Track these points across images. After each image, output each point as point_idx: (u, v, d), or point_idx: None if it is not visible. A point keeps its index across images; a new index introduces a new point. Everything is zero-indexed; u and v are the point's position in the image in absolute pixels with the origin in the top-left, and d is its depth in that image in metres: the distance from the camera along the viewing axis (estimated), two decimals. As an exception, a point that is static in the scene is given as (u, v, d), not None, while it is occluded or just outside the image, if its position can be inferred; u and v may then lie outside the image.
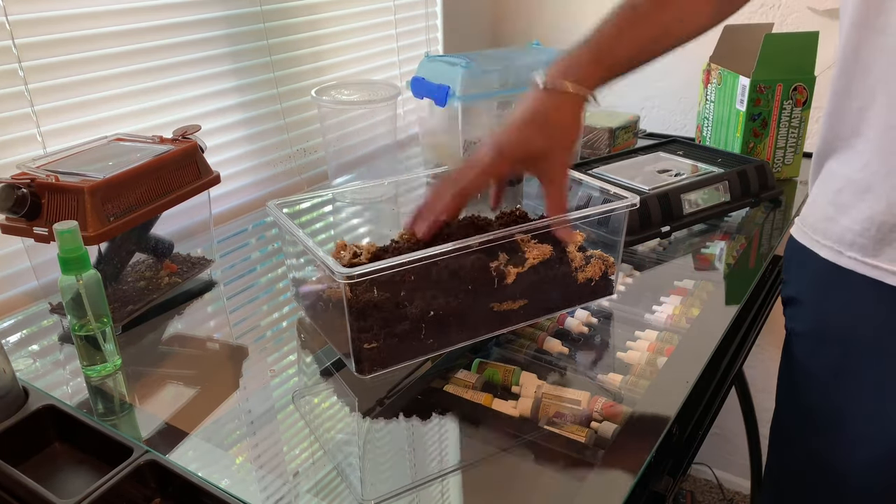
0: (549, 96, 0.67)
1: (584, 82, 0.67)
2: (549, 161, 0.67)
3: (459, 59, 1.09)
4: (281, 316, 0.83)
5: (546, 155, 0.66)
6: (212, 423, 0.63)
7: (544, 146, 0.66)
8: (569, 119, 0.67)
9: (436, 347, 0.66)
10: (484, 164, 0.66)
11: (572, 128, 0.68)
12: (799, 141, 1.12)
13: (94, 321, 0.67)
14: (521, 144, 0.66)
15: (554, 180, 0.68)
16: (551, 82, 0.66)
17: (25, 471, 0.56)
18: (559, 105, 0.67)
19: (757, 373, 1.57)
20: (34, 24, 0.84)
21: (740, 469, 1.68)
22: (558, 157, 0.67)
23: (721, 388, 0.79)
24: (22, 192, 0.71)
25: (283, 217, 0.72)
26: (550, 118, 0.66)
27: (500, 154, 0.66)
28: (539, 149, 0.66)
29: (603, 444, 0.59)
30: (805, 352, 0.72)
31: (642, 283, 0.86)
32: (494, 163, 0.66)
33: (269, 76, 1.14)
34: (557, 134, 0.67)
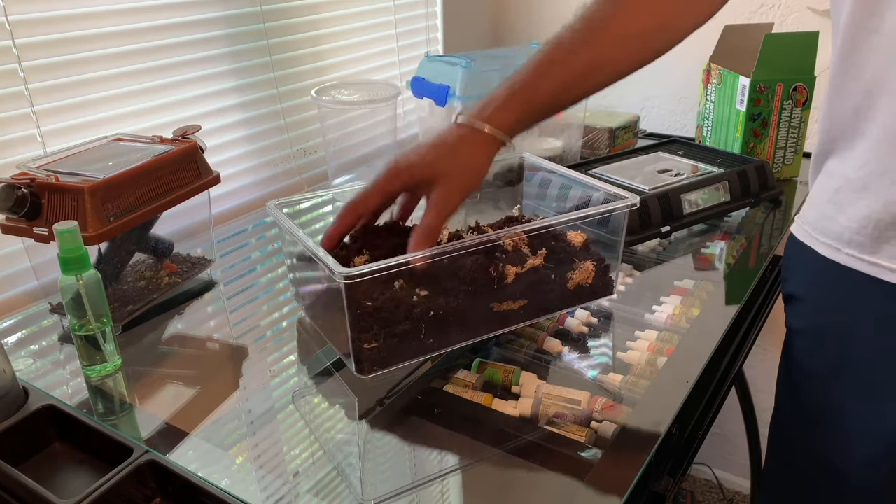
0: (460, 130, 0.66)
1: (500, 124, 0.65)
2: (438, 188, 0.64)
3: (459, 59, 1.09)
4: (281, 316, 0.83)
5: (436, 181, 0.64)
6: (212, 423, 0.63)
7: (440, 171, 0.64)
8: (476, 156, 0.65)
9: (436, 347, 0.66)
10: (376, 181, 0.65)
11: (476, 164, 0.66)
12: (799, 141, 1.12)
13: (94, 321, 0.67)
14: (418, 166, 0.65)
15: (435, 206, 0.64)
16: (467, 119, 0.65)
17: (25, 471, 0.56)
18: (469, 140, 0.65)
19: (757, 373, 1.57)
20: (34, 24, 0.84)
21: (740, 469, 1.68)
22: (450, 186, 0.64)
23: (721, 388, 0.79)
24: (22, 192, 0.71)
25: (283, 217, 0.72)
26: (456, 149, 0.65)
27: (395, 171, 0.65)
28: (435, 173, 0.64)
29: (603, 444, 0.59)
30: (804, 349, 0.72)
31: (642, 283, 0.86)
32: (387, 179, 0.65)
33: (269, 76, 1.14)
34: (458, 165, 0.65)
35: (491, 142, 0.66)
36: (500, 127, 0.65)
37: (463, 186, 0.65)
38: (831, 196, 0.66)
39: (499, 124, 0.65)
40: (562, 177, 0.85)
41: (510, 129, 0.66)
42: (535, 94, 0.66)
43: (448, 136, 0.66)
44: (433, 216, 0.64)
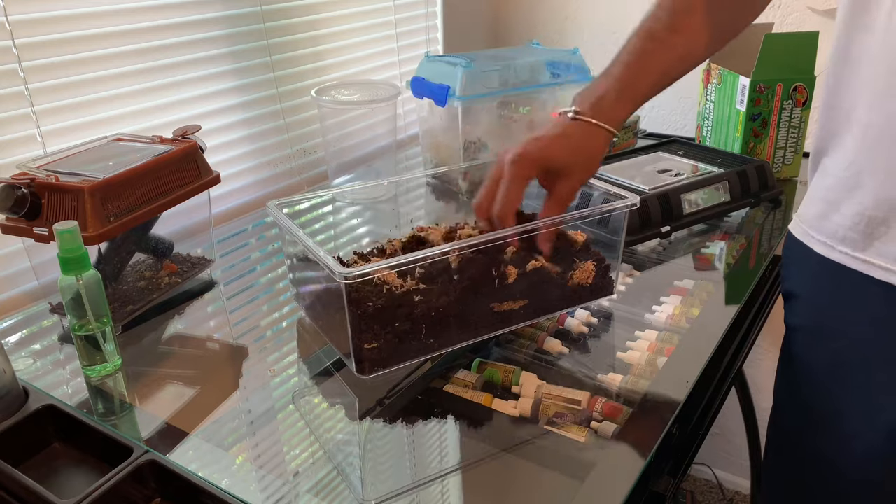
0: (579, 125, 0.69)
1: (615, 121, 0.70)
2: (566, 179, 0.68)
3: (459, 59, 1.09)
4: (281, 316, 0.83)
5: (565, 173, 0.68)
6: (212, 423, 0.63)
7: (567, 162, 0.68)
8: (596, 148, 0.69)
9: (436, 347, 0.67)
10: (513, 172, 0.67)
11: (596, 155, 0.70)
12: (799, 141, 1.12)
13: (94, 321, 0.67)
14: (546, 154, 0.68)
15: (561, 198, 0.69)
16: (586, 116, 0.69)
17: (25, 471, 0.56)
18: (588, 134, 0.69)
19: (757, 373, 1.57)
20: (34, 24, 0.84)
21: (740, 469, 1.68)
22: (575, 178, 0.69)
23: (721, 388, 0.79)
24: (22, 192, 0.71)
25: (283, 217, 0.72)
26: (578, 141, 0.69)
27: (529, 158, 0.67)
28: (561, 164, 0.68)
29: (603, 444, 0.59)
30: (802, 347, 0.73)
31: (642, 283, 0.86)
32: (524, 168, 0.67)
33: (269, 76, 1.14)
34: (582, 156, 0.69)
35: (608, 138, 0.70)
36: (614, 124, 0.70)
37: (585, 179, 0.70)
38: (825, 193, 0.67)
39: (614, 122, 0.70)
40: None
41: (621, 124, 0.71)
42: (640, 89, 0.71)
43: (572, 131, 0.69)
44: (559, 209, 0.69)
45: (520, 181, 0.67)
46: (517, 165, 0.66)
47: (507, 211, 0.66)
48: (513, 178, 0.66)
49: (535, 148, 0.68)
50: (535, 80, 1.13)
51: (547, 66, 1.14)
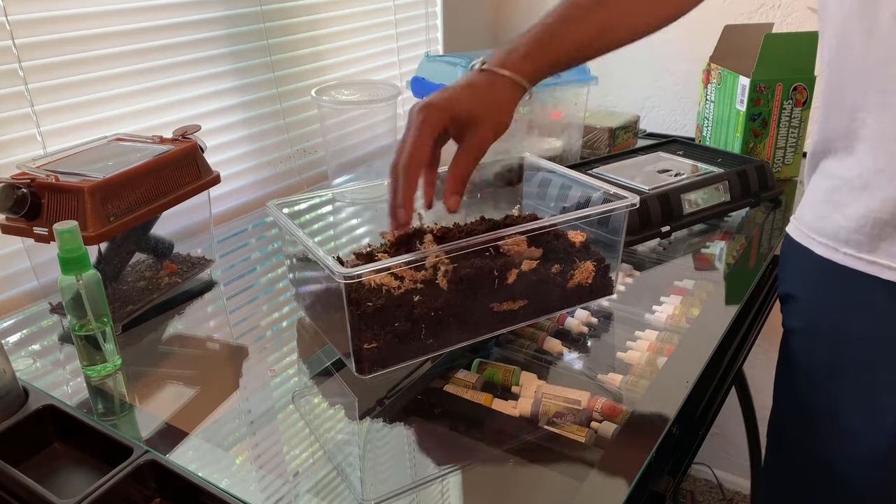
0: (485, 75, 0.67)
1: (523, 72, 0.67)
2: (475, 129, 0.65)
3: (459, 59, 1.09)
4: (281, 316, 0.83)
5: (473, 122, 0.65)
6: (212, 423, 0.63)
7: (473, 111, 0.65)
8: (502, 97, 0.67)
9: (436, 347, 0.66)
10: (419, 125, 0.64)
11: (504, 105, 0.67)
12: (799, 141, 1.12)
13: (94, 321, 0.67)
14: (456, 103, 0.65)
15: (471, 148, 0.66)
16: (491, 67, 0.67)
17: (25, 471, 0.56)
18: (494, 83, 0.67)
19: (757, 373, 1.57)
20: (34, 24, 0.84)
21: (740, 469, 1.68)
22: (484, 127, 0.66)
23: (721, 388, 0.79)
24: (22, 192, 0.71)
25: (283, 217, 0.72)
26: (484, 91, 0.67)
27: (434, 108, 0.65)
28: (468, 113, 0.65)
29: (603, 444, 0.59)
30: (801, 348, 0.73)
31: (642, 283, 0.86)
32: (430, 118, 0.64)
33: (269, 76, 1.14)
34: (489, 105, 0.66)
35: (516, 87, 0.68)
36: (525, 76, 0.68)
37: (496, 128, 0.67)
38: (827, 196, 0.67)
39: (524, 73, 0.68)
40: (562, 177, 0.85)
41: (531, 77, 0.69)
42: (552, 51, 0.69)
43: (477, 81, 0.67)
44: (469, 159, 0.66)
45: (425, 130, 0.64)
46: (422, 114, 0.64)
47: (413, 160, 0.63)
48: (418, 126, 0.64)
49: (440, 98, 0.66)
50: (535, 80, 1.12)
51: (547, 66, 1.14)
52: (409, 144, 0.63)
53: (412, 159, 0.63)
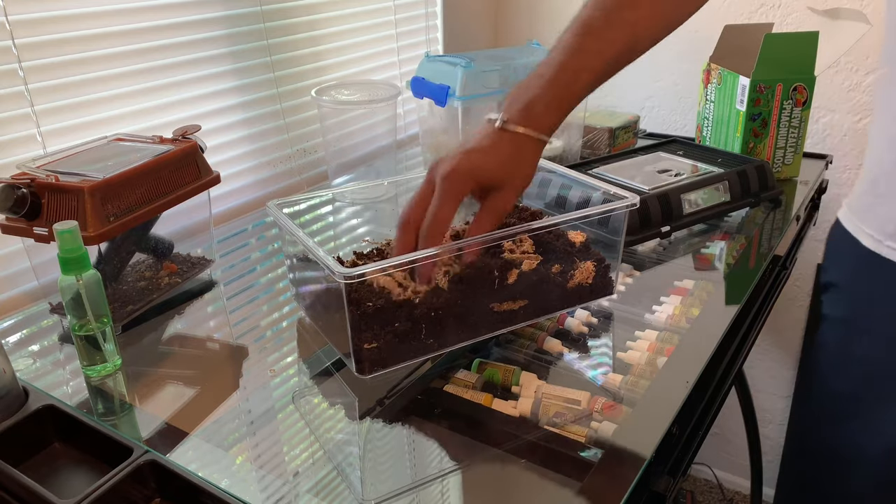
0: (509, 136, 0.64)
1: (546, 128, 0.65)
2: (500, 192, 0.63)
3: (459, 59, 1.09)
4: (281, 316, 0.83)
5: (499, 185, 0.63)
6: (212, 423, 0.63)
7: (498, 176, 0.63)
8: (528, 159, 0.65)
9: (436, 347, 0.66)
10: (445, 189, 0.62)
11: (531, 170, 0.65)
12: (799, 141, 1.12)
13: (94, 321, 0.67)
14: (482, 169, 0.63)
15: (495, 211, 0.64)
16: (514, 125, 0.64)
17: (25, 471, 0.56)
18: (517, 145, 0.64)
19: (757, 373, 1.57)
20: (34, 24, 0.84)
21: (740, 469, 1.68)
22: (507, 190, 0.64)
23: (721, 388, 0.78)
24: (22, 192, 0.71)
25: (283, 217, 0.72)
26: (508, 154, 0.64)
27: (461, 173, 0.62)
28: (492, 178, 0.63)
29: (603, 444, 0.59)
30: (837, 338, 0.72)
31: (642, 283, 0.86)
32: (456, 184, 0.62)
33: (269, 76, 1.14)
34: (515, 168, 0.64)
35: (540, 147, 0.65)
36: (546, 132, 0.65)
37: (520, 192, 0.65)
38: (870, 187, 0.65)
39: (545, 129, 0.65)
40: (562, 177, 0.85)
41: (553, 130, 0.66)
42: (574, 92, 0.66)
43: (500, 143, 0.64)
44: (492, 221, 0.64)
45: (454, 199, 0.62)
46: (450, 182, 0.61)
47: (438, 230, 0.61)
48: (446, 195, 0.61)
49: (467, 163, 0.62)
50: (535, 80, 1.12)
51: (547, 66, 1.14)
52: (435, 213, 0.61)
53: (436, 230, 0.61)
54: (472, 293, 0.66)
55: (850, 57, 1.27)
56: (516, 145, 0.64)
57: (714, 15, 1.37)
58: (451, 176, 0.61)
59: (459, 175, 0.62)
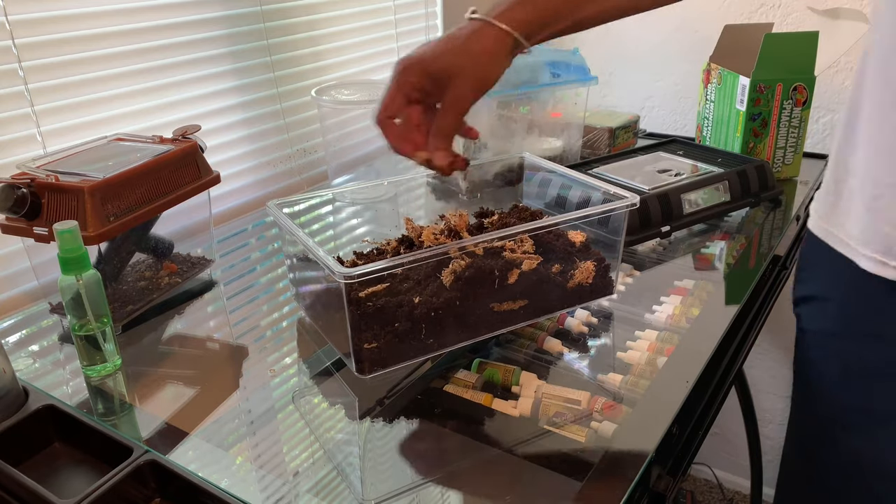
0: (471, 24, 0.62)
1: (512, 21, 0.61)
2: (452, 84, 0.61)
3: (459, 59, 1.09)
4: (281, 316, 0.83)
5: (453, 75, 0.61)
6: (212, 423, 0.63)
7: (453, 64, 0.61)
8: (487, 47, 0.61)
9: (436, 347, 0.66)
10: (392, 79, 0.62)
11: (489, 56, 0.62)
12: (799, 141, 1.13)
13: (94, 321, 0.67)
14: (431, 57, 0.61)
15: (452, 105, 0.62)
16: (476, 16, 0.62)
17: (25, 471, 0.56)
18: (480, 32, 0.61)
19: (757, 373, 1.57)
20: (34, 24, 0.84)
21: (740, 469, 1.68)
22: (466, 82, 0.61)
23: (721, 388, 0.78)
24: (22, 192, 0.71)
25: (283, 217, 0.72)
26: (467, 41, 0.61)
27: (409, 64, 0.62)
28: (444, 66, 0.61)
29: (603, 444, 0.59)
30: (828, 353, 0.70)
31: (642, 283, 0.86)
32: (402, 73, 0.62)
33: (269, 76, 1.14)
34: (471, 57, 0.61)
35: (504, 37, 0.62)
36: (513, 24, 0.61)
37: (478, 83, 0.62)
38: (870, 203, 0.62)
39: (512, 21, 0.61)
40: (562, 177, 0.85)
41: (523, 27, 0.62)
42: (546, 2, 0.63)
43: (459, 31, 0.62)
44: (448, 116, 0.62)
45: (401, 87, 0.61)
46: (397, 70, 0.62)
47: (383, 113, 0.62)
48: (393, 83, 0.62)
49: (418, 52, 0.62)
50: (535, 80, 1.13)
51: (547, 66, 1.14)
52: (382, 99, 0.62)
53: (378, 117, 0.62)
54: (472, 293, 0.66)
55: (850, 57, 1.27)
56: (476, 34, 0.61)
57: (714, 15, 1.37)
58: (399, 64, 0.62)
59: (406, 63, 0.62)
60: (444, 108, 0.62)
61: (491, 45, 0.61)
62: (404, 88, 0.62)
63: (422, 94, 0.63)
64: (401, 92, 0.62)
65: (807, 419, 0.77)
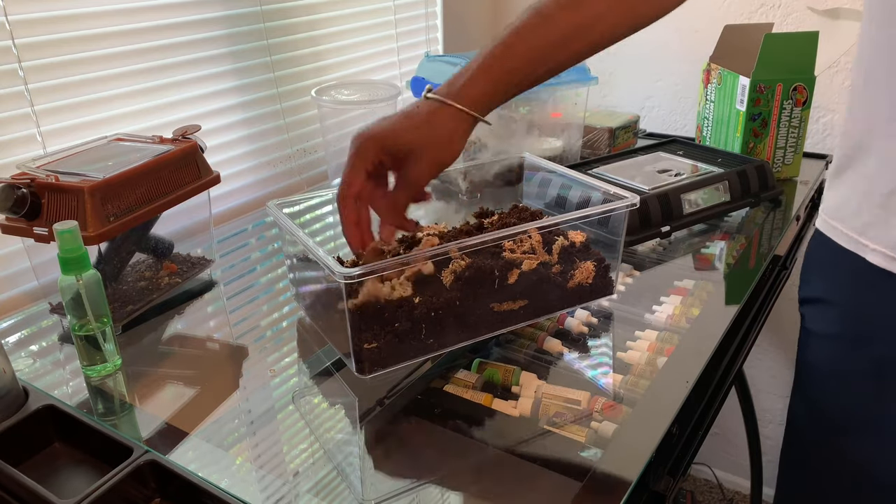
0: (429, 104, 0.63)
1: (468, 100, 0.63)
2: (414, 162, 0.62)
3: (459, 59, 1.09)
4: (281, 316, 0.83)
5: (410, 155, 0.62)
6: (212, 423, 0.63)
7: (410, 144, 0.62)
8: (444, 128, 0.63)
9: (436, 347, 0.66)
10: (351, 153, 0.63)
11: (445, 137, 0.63)
12: (799, 141, 1.12)
13: (94, 321, 0.67)
14: (391, 134, 0.62)
15: (410, 183, 0.63)
16: (434, 94, 0.63)
17: (25, 471, 0.56)
18: (435, 113, 0.63)
19: (757, 373, 1.57)
20: (34, 24, 0.84)
21: (740, 469, 1.68)
22: (424, 161, 0.62)
23: (721, 388, 0.78)
24: (22, 192, 0.71)
25: (283, 217, 0.72)
26: (427, 121, 0.63)
27: (367, 139, 0.62)
28: (404, 145, 0.62)
29: (603, 444, 0.59)
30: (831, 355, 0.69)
31: (642, 283, 0.86)
32: (361, 148, 0.62)
33: (269, 76, 1.14)
34: (431, 137, 0.63)
35: (461, 117, 0.63)
36: (467, 102, 0.63)
37: (436, 163, 0.63)
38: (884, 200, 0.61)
39: (466, 100, 0.63)
40: (562, 177, 0.85)
41: (479, 105, 0.63)
42: (505, 65, 0.63)
43: (419, 110, 0.63)
44: (406, 193, 0.63)
45: (358, 161, 0.62)
46: (355, 145, 0.62)
47: (343, 192, 0.62)
48: (351, 158, 0.62)
49: (376, 128, 0.63)
50: (535, 80, 1.12)
51: (547, 66, 1.14)
52: (342, 176, 0.63)
53: (341, 193, 0.63)
54: (472, 293, 0.66)
55: (850, 57, 1.27)
56: (432, 112, 0.63)
57: (714, 15, 1.37)
58: (358, 139, 0.63)
59: (365, 139, 0.62)
60: (401, 185, 0.64)
61: (450, 126, 0.63)
62: (365, 164, 0.63)
63: (380, 168, 0.64)
64: (362, 168, 0.63)
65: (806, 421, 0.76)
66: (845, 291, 0.68)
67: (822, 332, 0.72)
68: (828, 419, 0.72)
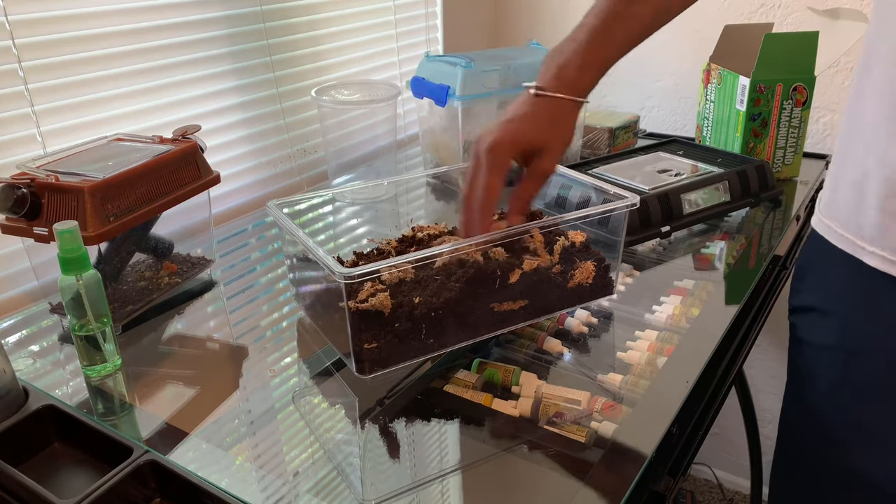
0: (543, 102, 0.68)
1: (577, 90, 0.68)
2: (541, 156, 0.67)
3: (459, 59, 1.09)
4: (281, 316, 0.83)
5: (539, 151, 0.67)
6: (212, 423, 0.63)
7: (540, 141, 0.67)
8: (566, 121, 0.68)
9: (436, 347, 0.66)
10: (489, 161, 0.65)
11: (568, 128, 0.69)
12: (799, 141, 1.13)
13: (94, 321, 0.67)
14: (525, 138, 0.66)
15: (540, 176, 0.68)
16: (544, 91, 0.68)
17: (25, 471, 0.56)
18: (555, 108, 0.68)
19: (757, 373, 1.57)
20: (34, 24, 0.84)
21: (740, 469, 1.68)
22: (550, 154, 0.67)
23: (721, 388, 0.78)
24: (22, 192, 0.71)
25: (283, 217, 0.72)
26: (546, 119, 0.67)
27: (502, 143, 0.65)
28: (535, 143, 0.67)
29: (603, 444, 0.59)
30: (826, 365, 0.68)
31: (642, 283, 0.86)
32: (498, 155, 0.65)
33: (269, 76, 1.14)
34: (554, 131, 0.68)
35: (576, 108, 0.69)
36: (580, 93, 0.68)
37: (560, 154, 0.68)
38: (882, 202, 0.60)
39: (579, 91, 0.68)
40: (562, 177, 0.85)
41: (587, 91, 0.69)
42: (605, 54, 0.69)
43: (537, 109, 0.67)
44: (536, 184, 0.68)
45: (499, 169, 0.65)
46: (493, 153, 0.65)
47: (488, 201, 0.65)
48: (491, 167, 0.65)
49: (507, 133, 0.66)
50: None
51: (547, 66, 1.14)
52: (484, 185, 0.65)
53: (487, 202, 0.65)
54: (472, 293, 0.66)
55: (850, 57, 1.27)
56: (552, 109, 0.67)
57: (714, 15, 1.37)
58: (494, 148, 0.65)
59: (501, 146, 0.65)
60: (532, 177, 0.68)
61: (572, 118, 0.69)
62: (504, 169, 0.65)
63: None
64: (502, 173, 0.65)
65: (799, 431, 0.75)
66: (840, 298, 0.67)
67: (817, 343, 0.70)
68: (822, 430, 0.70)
